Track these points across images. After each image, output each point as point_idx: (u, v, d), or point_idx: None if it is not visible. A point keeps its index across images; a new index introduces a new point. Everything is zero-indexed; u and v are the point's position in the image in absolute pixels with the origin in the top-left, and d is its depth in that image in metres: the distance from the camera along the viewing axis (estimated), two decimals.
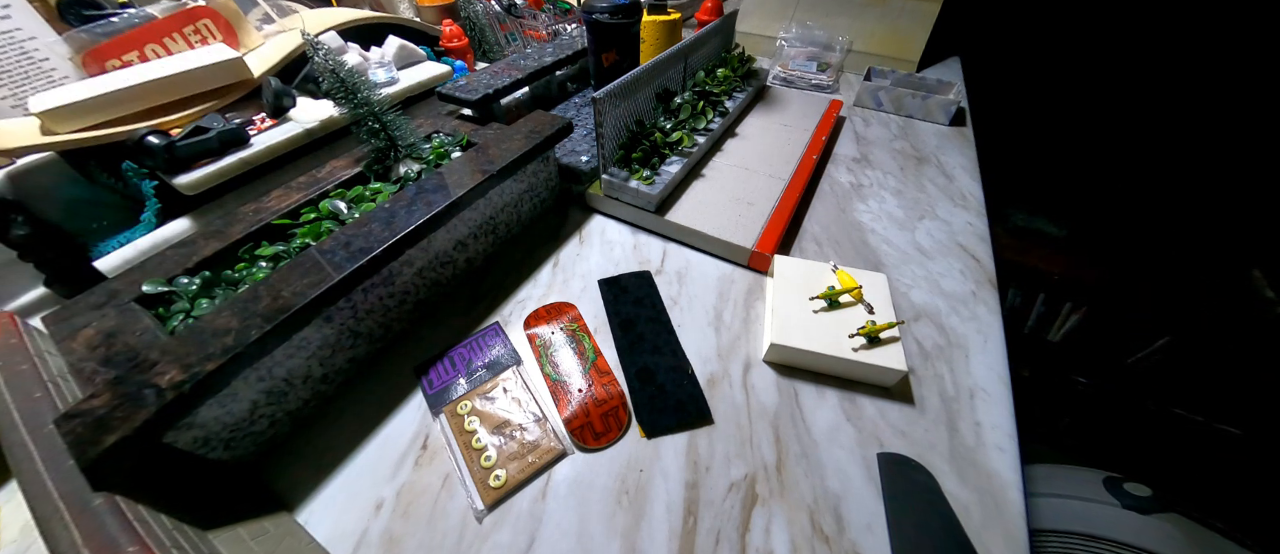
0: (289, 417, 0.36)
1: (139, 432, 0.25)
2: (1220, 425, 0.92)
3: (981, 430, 0.37)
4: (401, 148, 0.48)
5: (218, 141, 0.46)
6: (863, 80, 0.81)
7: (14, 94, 0.47)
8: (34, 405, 0.28)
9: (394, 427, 0.37)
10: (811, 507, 0.33)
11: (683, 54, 0.64)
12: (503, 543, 0.31)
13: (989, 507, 0.33)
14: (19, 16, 0.47)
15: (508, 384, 0.39)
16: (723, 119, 0.66)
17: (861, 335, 0.39)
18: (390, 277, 0.40)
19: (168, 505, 0.27)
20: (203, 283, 0.36)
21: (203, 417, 0.30)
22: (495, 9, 0.85)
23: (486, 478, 0.33)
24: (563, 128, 0.52)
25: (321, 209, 0.42)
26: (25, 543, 0.31)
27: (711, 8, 0.82)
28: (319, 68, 0.44)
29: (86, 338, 0.30)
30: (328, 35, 0.62)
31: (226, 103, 0.52)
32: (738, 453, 0.35)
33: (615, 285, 0.48)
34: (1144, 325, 1.02)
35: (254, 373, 0.32)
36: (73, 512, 0.24)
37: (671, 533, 0.31)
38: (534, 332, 0.43)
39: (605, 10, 0.59)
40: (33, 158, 0.44)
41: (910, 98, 0.77)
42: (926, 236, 0.54)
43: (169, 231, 0.46)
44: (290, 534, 0.31)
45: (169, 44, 0.54)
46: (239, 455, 0.33)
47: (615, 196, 0.55)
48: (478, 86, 0.60)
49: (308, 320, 0.33)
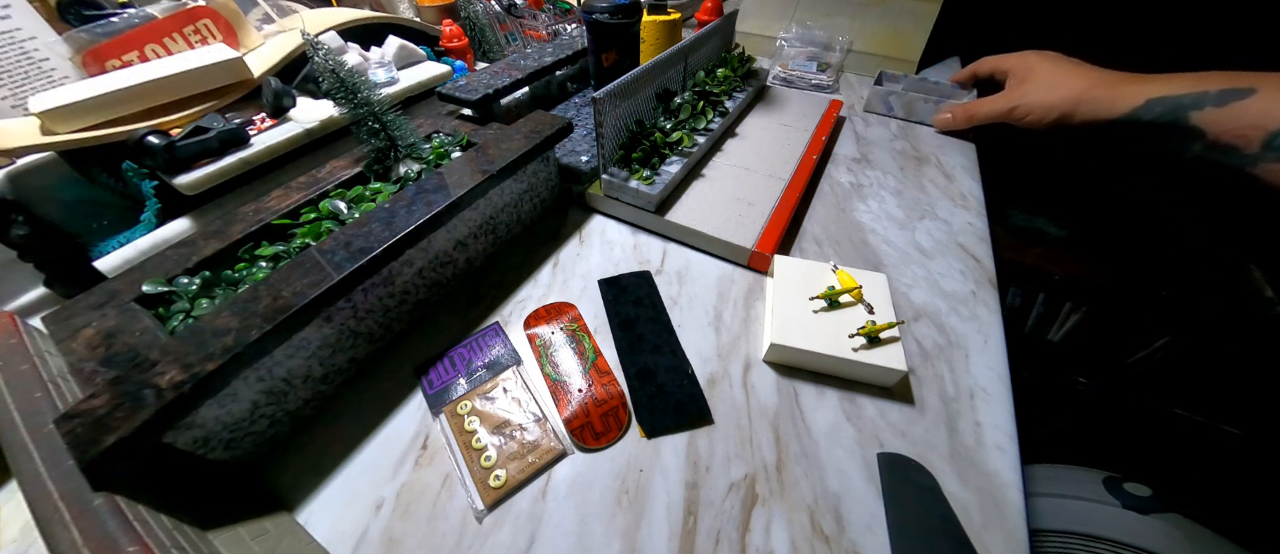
0: (289, 417, 0.36)
1: (139, 432, 0.25)
2: (1220, 426, 0.92)
3: (981, 430, 0.37)
4: (401, 148, 0.48)
5: (218, 141, 0.46)
6: (873, 85, 0.78)
7: (14, 94, 0.47)
8: (34, 405, 0.28)
9: (394, 427, 0.37)
10: (811, 507, 0.33)
11: (683, 54, 0.64)
12: (503, 543, 0.31)
13: (989, 507, 0.33)
14: (19, 16, 0.47)
15: (508, 384, 0.39)
16: (723, 119, 0.66)
17: (861, 335, 0.39)
18: (390, 277, 0.40)
19: (168, 505, 0.27)
20: (203, 283, 0.36)
21: (203, 417, 0.30)
22: (495, 9, 0.85)
23: (486, 478, 0.33)
24: (563, 128, 0.52)
25: (321, 209, 0.42)
26: (25, 543, 0.31)
27: (711, 8, 0.82)
28: (319, 68, 0.44)
29: (86, 338, 0.30)
30: (328, 35, 0.62)
31: (226, 103, 0.52)
32: (738, 453, 0.35)
33: (615, 285, 0.48)
34: (1144, 325, 1.02)
35: (254, 373, 0.32)
36: (73, 512, 0.24)
37: (671, 533, 0.31)
38: (534, 332, 0.43)
39: (605, 10, 0.59)
40: (33, 158, 0.44)
41: (923, 103, 0.76)
42: (926, 236, 0.54)
43: (169, 231, 0.46)
44: (290, 534, 0.31)
45: (169, 44, 0.54)
46: (239, 455, 0.33)
47: (615, 196, 0.55)
48: (478, 86, 0.60)
49: (308, 320, 0.33)
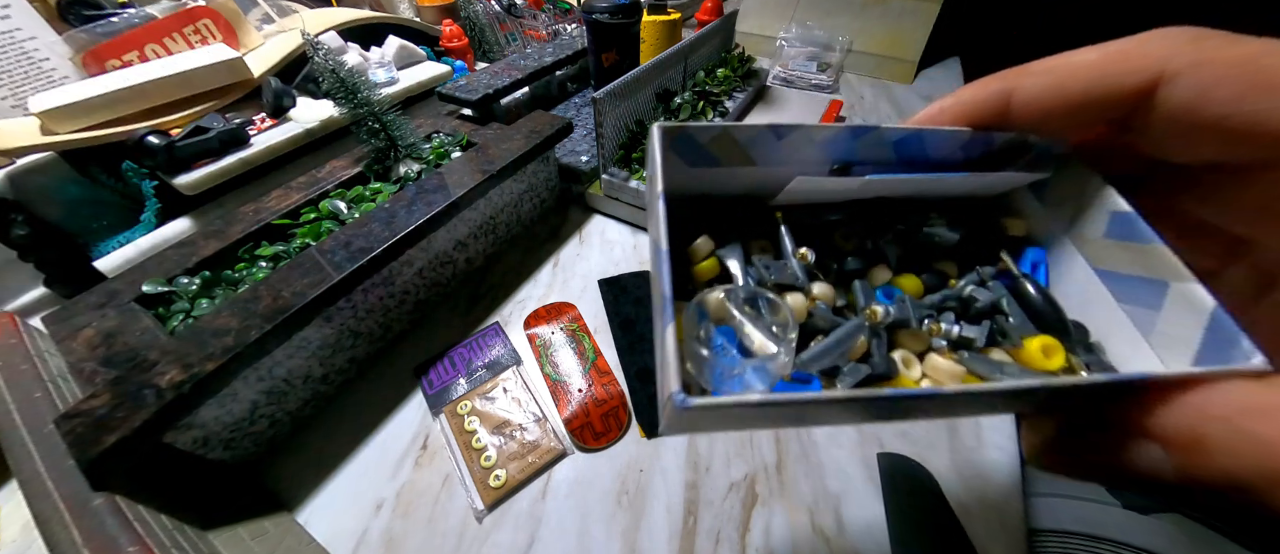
0: (289, 417, 0.36)
1: (139, 432, 0.25)
2: None
3: (981, 430, 0.37)
4: (401, 148, 0.48)
5: (218, 141, 0.46)
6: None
7: (14, 94, 0.47)
8: (34, 405, 0.28)
9: (394, 427, 0.37)
10: (811, 507, 0.33)
11: (683, 54, 0.64)
12: (503, 543, 0.31)
13: (989, 507, 0.33)
14: (19, 16, 0.47)
15: (508, 384, 0.39)
16: (723, 119, 0.66)
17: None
18: (390, 277, 0.40)
19: (168, 505, 0.27)
20: (203, 283, 0.36)
21: (203, 417, 0.30)
22: (495, 9, 0.85)
23: (486, 478, 0.33)
24: (563, 128, 0.52)
25: (321, 209, 0.42)
26: (25, 543, 0.31)
27: (711, 8, 0.82)
28: (319, 68, 0.44)
29: (86, 338, 0.30)
30: (328, 35, 0.62)
31: (226, 103, 0.52)
32: (738, 453, 0.35)
33: (615, 285, 0.48)
34: None
35: (254, 373, 0.32)
36: (73, 512, 0.24)
37: (671, 533, 0.31)
38: (534, 332, 0.43)
39: (605, 10, 0.59)
40: (33, 158, 0.44)
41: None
42: None
43: (169, 231, 0.46)
44: (290, 534, 0.31)
45: (169, 44, 0.54)
46: (239, 455, 0.33)
47: (615, 196, 0.55)
48: (478, 86, 0.60)
49: (308, 320, 0.33)
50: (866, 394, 0.11)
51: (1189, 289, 0.12)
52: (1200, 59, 0.11)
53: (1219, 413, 0.10)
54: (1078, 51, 0.13)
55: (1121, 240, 0.14)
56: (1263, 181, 0.12)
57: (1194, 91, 0.11)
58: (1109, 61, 0.12)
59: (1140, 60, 0.12)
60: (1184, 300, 0.12)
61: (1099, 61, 0.12)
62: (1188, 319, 0.12)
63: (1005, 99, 0.14)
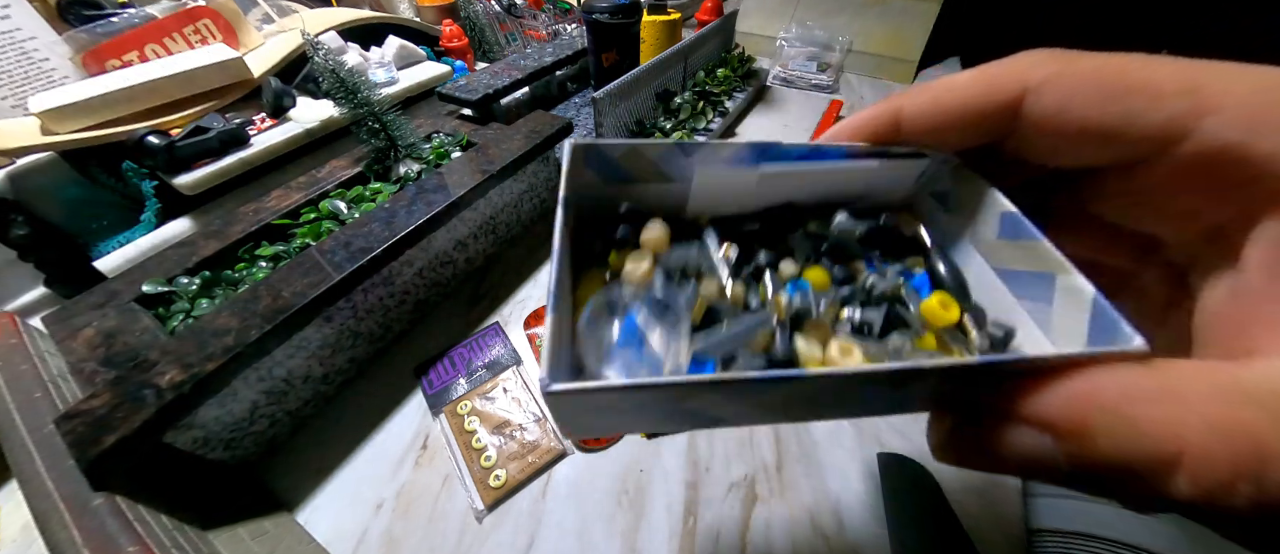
0: (289, 417, 0.36)
1: (139, 432, 0.25)
2: None
3: None
4: (401, 148, 0.48)
5: (218, 141, 0.46)
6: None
7: (14, 94, 0.47)
8: (34, 405, 0.28)
9: (394, 427, 0.37)
10: (811, 507, 0.33)
11: (683, 54, 0.64)
12: (503, 543, 0.31)
13: (989, 507, 0.33)
14: (19, 16, 0.47)
15: (508, 384, 0.39)
16: (723, 119, 0.66)
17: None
18: (390, 276, 0.40)
19: (168, 505, 0.27)
20: (203, 283, 0.36)
21: (203, 417, 0.30)
22: (495, 9, 0.85)
23: (486, 478, 0.33)
24: (563, 128, 0.52)
25: (321, 209, 0.42)
26: (25, 543, 0.31)
27: (711, 8, 0.82)
28: (319, 68, 0.44)
29: (86, 338, 0.30)
30: (328, 35, 0.62)
31: (226, 103, 0.52)
32: (738, 453, 0.35)
33: None
34: None
35: (254, 373, 0.32)
36: (73, 512, 0.24)
37: (671, 533, 0.31)
38: (534, 332, 0.43)
39: (605, 10, 0.59)
40: (33, 158, 0.44)
41: None
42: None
43: (169, 231, 0.46)
44: (290, 534, 0.31)
45: (169, 44, 0.54)
46: (239, 455, 0.33)
47: None
48: (478, 86, 0.60)
49: (308, 320, 0.33)
50: (737, 377, 0.11)
51: (1072, 281, 0.12)
52: (1060, 71, 0.12)
53: (1101, 399, 0.10)
54: (957, 74, 0.14)
55: (1012, 239, 0.15)
56: (1142, 179, 0.12)
57: (1056, 100, 0.12)
58: (979, 80, 0.14)
59: (1005, 78, 0.13)
60: (1069, 291, 0.13)
61: (971, 80, 0.14)
62: (1075, 310, 0.12)
63: (895, 117, 0.15)
